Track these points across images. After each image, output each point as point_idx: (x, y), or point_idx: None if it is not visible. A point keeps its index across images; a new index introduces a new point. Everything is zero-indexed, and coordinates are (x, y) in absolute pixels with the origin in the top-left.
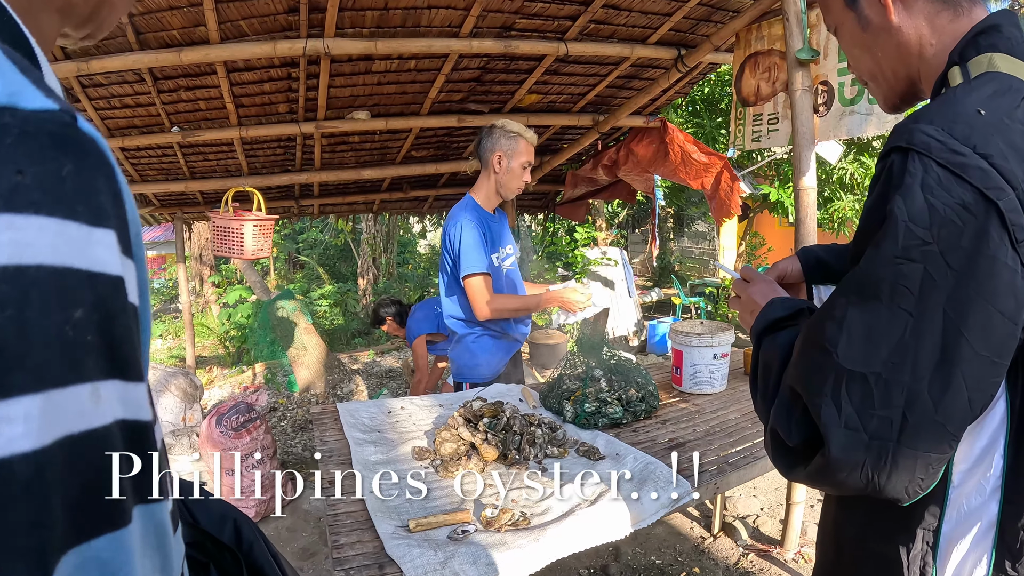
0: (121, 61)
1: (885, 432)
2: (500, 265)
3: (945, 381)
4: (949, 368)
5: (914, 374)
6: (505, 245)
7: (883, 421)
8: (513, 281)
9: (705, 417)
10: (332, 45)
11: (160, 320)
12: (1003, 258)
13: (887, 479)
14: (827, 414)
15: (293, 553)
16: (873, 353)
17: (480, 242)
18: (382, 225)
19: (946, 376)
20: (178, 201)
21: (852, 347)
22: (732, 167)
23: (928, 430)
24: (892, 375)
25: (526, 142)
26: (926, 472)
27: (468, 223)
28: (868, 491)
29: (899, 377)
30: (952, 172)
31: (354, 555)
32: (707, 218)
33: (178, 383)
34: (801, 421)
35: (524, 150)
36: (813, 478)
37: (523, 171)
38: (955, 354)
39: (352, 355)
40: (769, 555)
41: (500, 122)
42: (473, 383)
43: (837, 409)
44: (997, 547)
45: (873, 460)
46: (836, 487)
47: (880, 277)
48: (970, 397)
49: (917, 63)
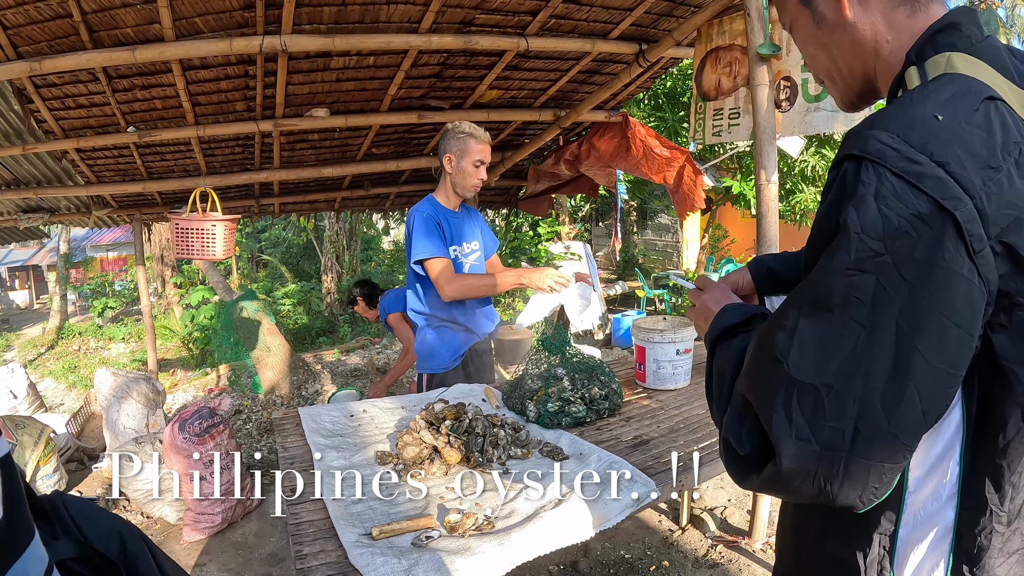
0: (74, 60)
1: (837, 443)
2: (462, 261)
3: (898, 393)
4: (902, 380)
5: (866, 386)
6: (470, 240)
7: (835, 432)
8: None
9: (669, 413)
10: (289, 42)
11: (122, 323)
12: (959, 269)
13: (840, 488)
14: (778, 425)
15: (261, 559)
16: (824, 365)
17: (432, 231)
18: (345, 223)
19: (899, 388)
20: (136, 202)
21: (803, 358)
22: (694, 160)
23: (881, 441)
24: (844, 387)
25: (476, 140)
26: (880, 481)
27: (420, 215)
28: (821, 500)
29: (851, 389)
30: (907, 182)
31: (318, 565)
32: (670, 211)
33: (140, 389)
34: (752, 430)
35: (474, 149)
36: (766, 486)
37: (475, 169)
38: (908, 366)
39: (317, 355)
40: (737, 546)
41: (450, 124)
42: (432, 373)
43: (788, 420)
44: (955, 551)
45: (825, 470)
46: (790, 495)
47: (832, 288)
48: (924, 408)
49: (873, 60)
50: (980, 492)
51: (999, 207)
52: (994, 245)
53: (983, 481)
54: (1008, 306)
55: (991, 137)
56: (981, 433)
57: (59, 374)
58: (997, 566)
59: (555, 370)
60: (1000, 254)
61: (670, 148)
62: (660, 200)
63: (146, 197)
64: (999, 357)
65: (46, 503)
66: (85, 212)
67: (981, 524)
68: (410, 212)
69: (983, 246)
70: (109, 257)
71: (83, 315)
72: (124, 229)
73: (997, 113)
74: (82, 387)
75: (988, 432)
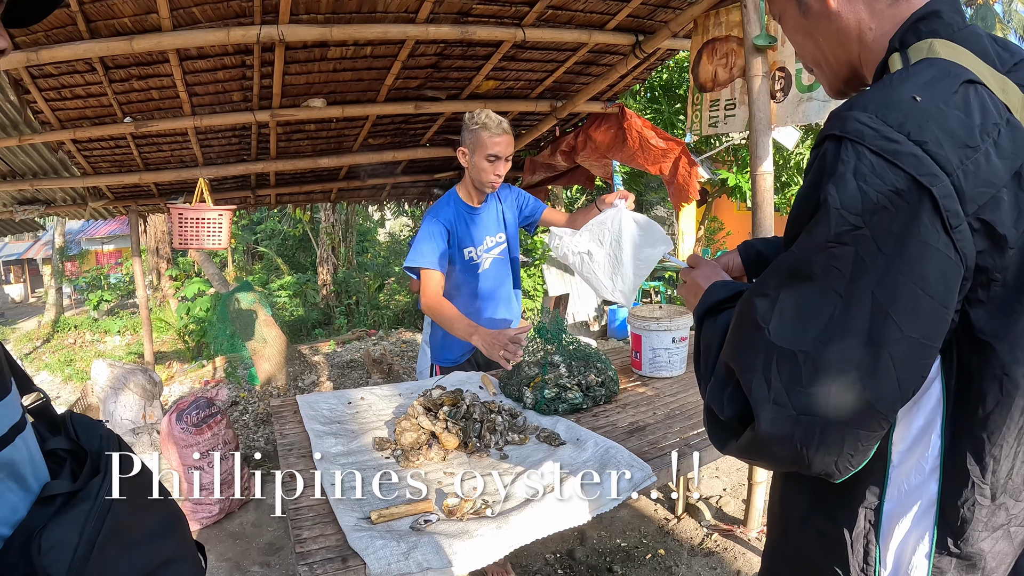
0: (71, 50)
1: (813, 408)
2: (479, 260)
3: (873, 361)
4: (876, 348)
5: (842, 353)
6: (493, 233)
7: (811, 398)
8: (494, 275)
9: (665, 400)
10: (287, 32)
11: (118, 316)
12: (934, 243)
13: (816, 453)
14: (757, 389)
15: (259, 549)
16: (803, 331)
17: (434, 240)
18: (340, 214)
19: (874, 356)
20: (132, 194)
21: (783, 325)
22: (690, 152)
23: (856, 408)
24: (820, 354)
25: (489, 132)
26: (855, 449)
27: (430, 221)
28: (799, 466)
29: (827, 356)
30: (885, 159)
31: (317, 549)
32: (666, 203)
33: (137, 380)
34: (733, 396)
35: (487, 143)
36: (745, 451)
37: (490, 164)
38: (882, 335)
39: (313, 346)
40: (733, 535)
41: (468, 113)
42: (443, 366)
43: (767, 384)
44: (939, 525)
45: (801, 435)
46: (768, 461)
47: (812, 260)
48: (899, 377)
49: (857, 48)
50: (962, 464)
51: (976, 185)
52: (971, 222)
53: (964, 453)
54: (985, 281)
55: (969, 118)
56: (961, 406)
57: (55, 367)
58: (981, 540)
59: (551, 357)
60: (978, 231)
61: (666, 139)
62: (656, 192)
63: (142, 188)
64: (977, 331)
65: (57, 416)
66: (81, 204)
67: (964, 496)
68: (427, 211)
69: (960, 222)
70: (104, 250)
71: (79, 308)
72: (119, 222)
73: (976, 96)
74: (78, 380)
75: (968, 405)
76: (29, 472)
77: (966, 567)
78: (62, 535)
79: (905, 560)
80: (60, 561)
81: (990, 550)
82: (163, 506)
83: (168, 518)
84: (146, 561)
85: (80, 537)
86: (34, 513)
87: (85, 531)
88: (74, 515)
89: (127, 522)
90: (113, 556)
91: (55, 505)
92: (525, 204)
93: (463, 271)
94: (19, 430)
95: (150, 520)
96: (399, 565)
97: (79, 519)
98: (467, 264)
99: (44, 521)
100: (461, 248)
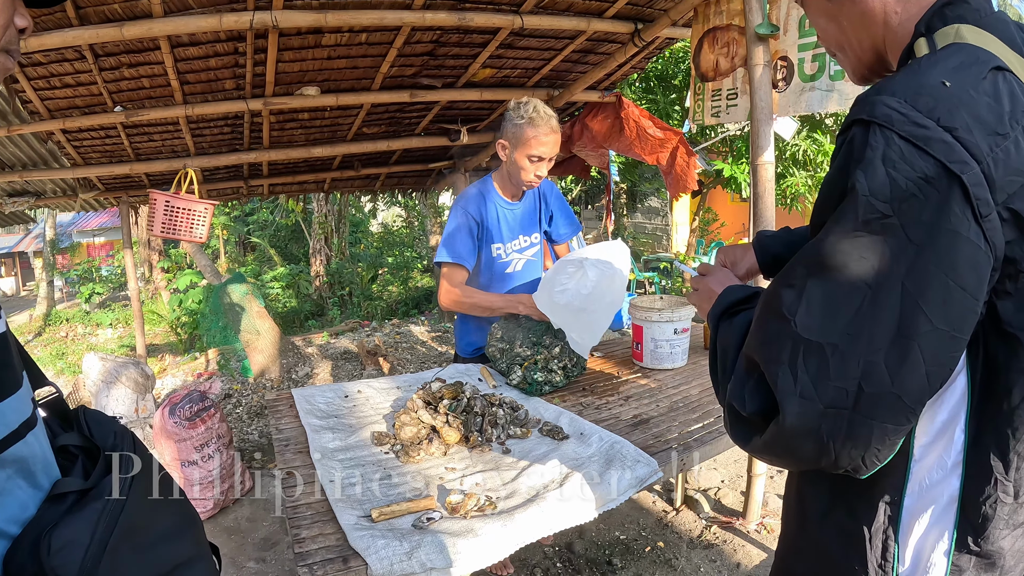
0: (60, 38)
1: (841, 402)
2: (508, 258)
3: (902, 354)
4: (906, 341)
5: (870, 346)
6: (528, 234)
7: (839, 391)
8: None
9: (667, 393)
10: (280, 17)
11: (110, 309)
12: (965, 232)
13: (842, 448)
14: (783, 382)
15: (254, 544)
16: (831, 324)
17: (462, 232)
18: (333, 204)
19: (903, 349)
20: (123, 184)
21: (810, 316)
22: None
23: (884, 402)
24: (849, 346)
25: (535, 131)
26: (883, 443)
27: (458, 211)
28: (824, 462)
29: (856, 348)
30: (915, 145)
31: (317, 549)
32: (660, 194)
33: (129, 374)
34: (755, 390)
35: (532, 141)
36: (769, 448)
37: (531, 164)
38: (912, 327)
39: (306, 338)
40: (732, 527)
41: (513, 101)
42: (463, 359)
43: (793, 377)
44: (959, 522)
45: (828, 429)
46: (792, 457)
47: (840, 249)
48: (928, 371)
49: (882, 32)
50: (985, 460)
51: (1006, 173)
52: (1001, 211)
53: (988, 449)
54: (1014, 273)
55: (999, 105)
56: (986, 400)
57: (47, 361)
58: (1002, 538)
59: (543, 338)
60: (1007, 220)
61: (663, 129)
62: (651, 183)
63: (133, 179)
64: (1004, 324)
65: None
66: (71, 195)
67: (986, 493)
68: (456, 199)
69: (990, 211)
70: (96, 242)
71: (70, 301)
72: (110, 214)
73: (1005, 83)
74: (70, 374)
75: (993, 399)
76: (39, 469)
77: (985, 565)
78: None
79: (924, 557)
80: (70, 562)
81: (1010, 548)
82: (178, 506)
83: (183, 518)
84: (161, 563)
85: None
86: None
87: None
88: (86, 514)
89: (141, 522)
90: (126, 557)
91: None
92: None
93: (488, 268)
94: (30, 426)
95: (165, 520)
96: (402, 565)
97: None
98: (493, 261)
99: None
100: (489, 244)
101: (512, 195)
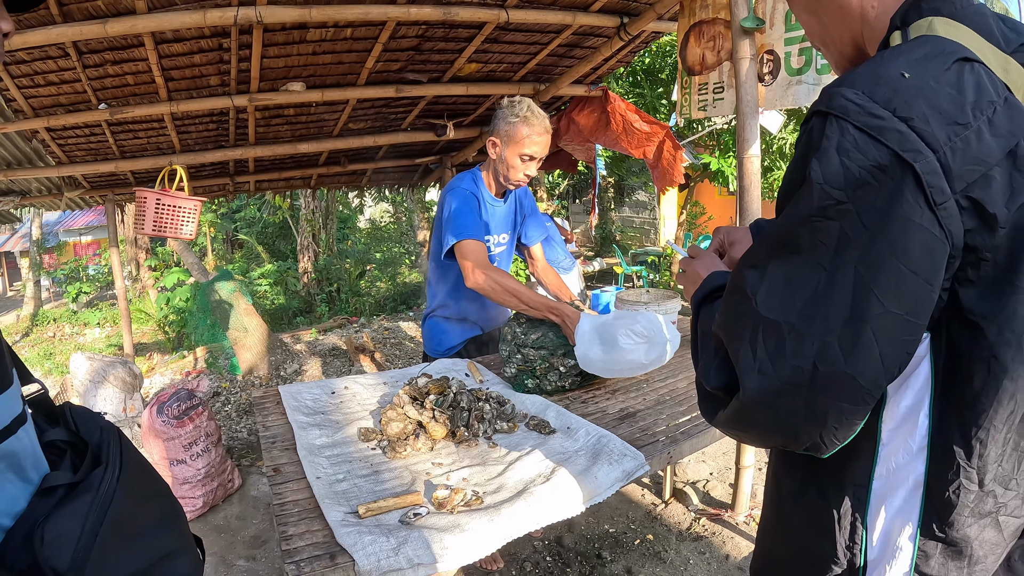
0: (44, 35)
1: (797, 379)
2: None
3: (855, 335)
4: (859, 323)
5: (825, 326)
6: (500, 232)
7: (795, 369)
8: None
9: (654, 386)
10: (265, 13)
11: (97, 308)
12: (917, 220)
13: (801, 424)
14: (744, 358)
15: (244, 542)
16: (789, 304)
17: (472, 208)
18: (321, 201)
19: (856, 330)
20: (109, 182)
21: (771, 296)
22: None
23: (839, 381)
24: (804, 326)
25: (528, 131)
26: (840, 422)
27: (459, 191)
28: (785, 438)
29: (811, 328)
30: (868, 135)
31: (304, 546)
32: (648, 188)
33: (116, 373)
34: (720, 366)
35: (524, 141)
36: (733, 422)
37: (522, 163)
38: (865, 310)
39: (295, 335)
40: (720, 519)
41: (506, 99)
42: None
43: (753, 354)
44: (925, 508)
45: (786, 405)
46: (755, 432)
47: (798, 233)
48: (881, 352)
49: (860, 26)
50: (948, 446)
51: (965, 162)
52: (959, 199)
53: (950, 435)
54: (975, 261)
55: (961, 95)
56: (949, 386)
57: (34, 361)
58: (967, 526)
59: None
60: (966, 208)
61: (650, 123)
62: (638, 177)
63: (119, 177)
64: (967, 311)
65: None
66: (57, 194)
67: (950, 479)
68: (448, 185)
69: (945, 198)
70: (82, 241)
71: (57, 301)
72: (96, 212)
73: (972, 73)
74: (58, 374)
75: (956, 386)
76: (29, 463)
77: (952, 553)
78: (64, 527)
79: (891, 541)
80: (63, 553)
81: (976, 537)
82: (163, 499)
83: (168, 511)
84: (147, 554)
85: (82, 529)
86: (34, 504)
87: (87, 523)
88: (76, 507)
89: (128, 515)
90: (115, 548)
91: (56, 497)
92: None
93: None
94: (21, 422)
95: (151, 513)
96: (389, 561)
97: (81, 511)
98: None
99: (45, 513)
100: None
101: (497, 192)
